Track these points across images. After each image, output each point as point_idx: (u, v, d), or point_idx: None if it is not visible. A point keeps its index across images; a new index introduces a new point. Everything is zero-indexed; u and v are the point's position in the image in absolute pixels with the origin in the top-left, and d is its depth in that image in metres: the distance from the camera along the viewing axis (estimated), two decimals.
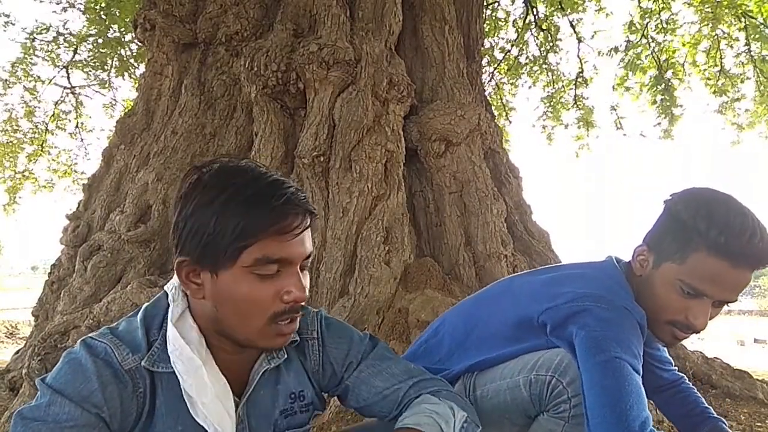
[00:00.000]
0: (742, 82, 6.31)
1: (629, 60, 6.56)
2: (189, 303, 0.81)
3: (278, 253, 0.73)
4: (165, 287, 0.83)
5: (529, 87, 7.92)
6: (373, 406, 0.92)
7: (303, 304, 0.79)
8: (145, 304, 0.83)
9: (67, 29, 6.95)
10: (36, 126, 7.63)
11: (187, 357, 0.75)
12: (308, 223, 0.77)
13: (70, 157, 8.19)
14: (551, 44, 7.18)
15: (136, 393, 0.75)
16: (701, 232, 0.98)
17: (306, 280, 0.80)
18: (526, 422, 1.08)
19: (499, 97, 7.92)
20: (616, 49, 6.60)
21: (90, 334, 0.78)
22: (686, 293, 1.01)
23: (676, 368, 1.37)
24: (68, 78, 7.21)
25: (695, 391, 1.34)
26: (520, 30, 7.41)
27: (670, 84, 6.43)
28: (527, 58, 7.67)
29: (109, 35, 6.75)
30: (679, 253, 1.01)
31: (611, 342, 0.97)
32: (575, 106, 7.22)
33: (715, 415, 1.27)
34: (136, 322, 0.80)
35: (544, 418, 1.04)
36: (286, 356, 0.87)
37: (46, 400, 0.70)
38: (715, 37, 6.17)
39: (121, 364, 0.74)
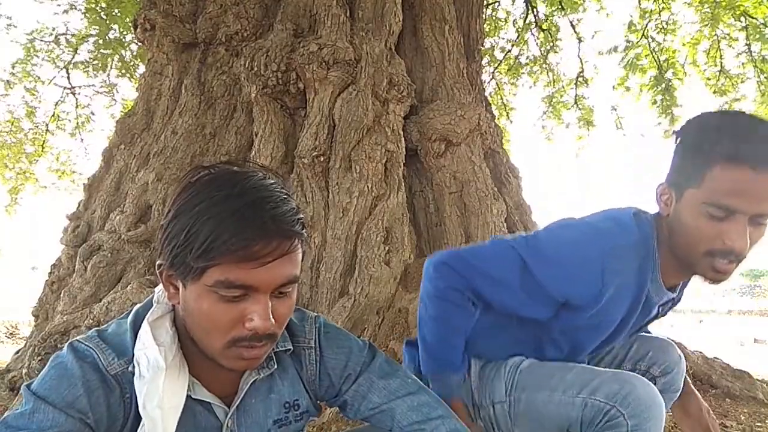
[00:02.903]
0: (742, 82, 6.31)
1: (629, 60, 6.56)
2: (174, 307, 0.79)
3: (241, 280, 0.68)
4: (155, 288, 0.81)
5: (530, 87, 7.94)
6: (370, 420, 0.90)
7: (272, 332, 0.73)
8: (136, 306, 0.81)
9: (67, 30, 6.97)
10: (36, 126, 7.64)
11: (153, 357, 0.72)
12: (287, 249, 0.70)
13: (69, 157, 8.20)
14: (551, 44, 7.19)
15: (123, 398, 0.74)
16: (713, 145, 0.91)
17: (285, 305, 0.75)
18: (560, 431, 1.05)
19: (499, 97, 7.93)
20: (615, 49, 6.60)
21: (78, 337, 0.77)
22: (715, 217, 0.92)
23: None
24: (68, 78, 7.22)
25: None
26: (520, 30, 7.41)
27: (670, 84, 6.43)
28: (527, 58, 7.67)
29: (109, 36, 6.75)
30: (696, 176, 0.94)
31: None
32: (576, 105, 7.22)
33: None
34: (126, 325, 0.78)
35: None
36: (276, 366, 0.84)
37: (30, 407, 0.69)
38: (715, 37, 6.17)
39: (107, 369, 0.73)
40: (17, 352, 3.38)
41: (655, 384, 1.13)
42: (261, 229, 0.67)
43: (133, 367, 0.74)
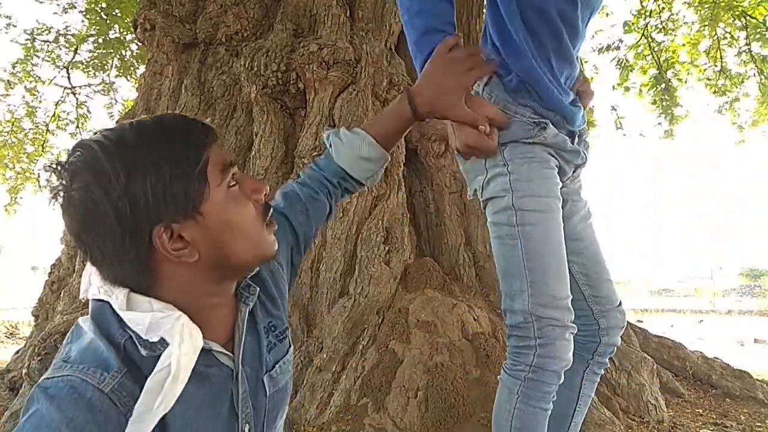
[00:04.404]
0: (742, 81, 6.31)
1: (619, 59, 6.59)
2: (148, 291, 0.69)
3: (227, 158, 0.73)
4: (89, 296, 0.72)
5: None
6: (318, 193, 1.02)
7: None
8: (82, 321, 0.70)
9: (67, 30, 6.97)
10: (37, 126, 7.65)
11: (161, 318, 0.66)
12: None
13: None
14: None
15: (127, 414, 0.63)
16: None
17: None
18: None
19: None
20: (608, 47, 6.62)
21: (45, 376, 0.64)
22: None
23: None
24: (69, 78, 7.22)
25: None
26: None
27: (670, 84, 6.43)
28: None
29: (109, 36, 6.76)
30: None
31: None
32: None
33: None
34: (88, 337, 0.67)
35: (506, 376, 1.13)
36: (258, 289, 0.82)
37: None
38: (715, 37, 6.17)
39: (100, 388, 0.61)
40: (17, 352, 3.39)
41: (599, 343, 1.25)
42: (199, 121, 0.72)
43: (147, 350, 0.65)
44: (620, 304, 1.28)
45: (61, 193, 0.65)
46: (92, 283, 0.70)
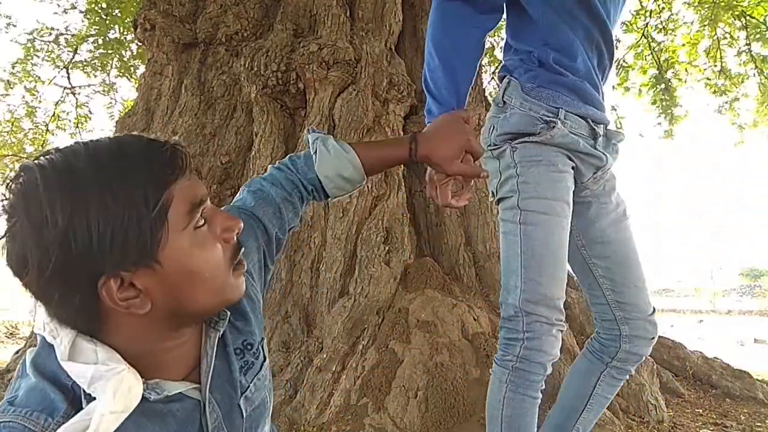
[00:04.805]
0: (742, 81, 6.31)
1: (621, 60, 6.60)
2: (101, 337, 0.64)
3: (198, 193, 0.63)
4: (35, 330, 0.66)
5: None
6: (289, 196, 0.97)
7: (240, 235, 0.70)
8: (28, 358, 0.66)
9: (67, 30, 6.98)
10: (37, 126, 7.66)
11: (104, 371, 0.60)
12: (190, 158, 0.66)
13: None
14: None
15: None
16: None
17: None
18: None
19: None
20: None
21: None
22: None
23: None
24: (68, 78, 7.23)
25: None
26: None
27: (669, 84, 6.43)
28: None
29: (109, 36, 6.77)
30: None
31: None
32: None
33: None
34: (32, 379, 0.62)
35: (496, 367, 1.19)
36: (228, 313, 0.76)
37: None
38: (715, 37, 6.17)
39: None
40: (17, 352, 3.38)
41: (619, 348, 1.25)
42: (165, 148, 0.61)
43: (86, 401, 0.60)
44: (653, 313, 1.25)
45: (5, 219, 0.57)
46: (38, 314, 0.64)
